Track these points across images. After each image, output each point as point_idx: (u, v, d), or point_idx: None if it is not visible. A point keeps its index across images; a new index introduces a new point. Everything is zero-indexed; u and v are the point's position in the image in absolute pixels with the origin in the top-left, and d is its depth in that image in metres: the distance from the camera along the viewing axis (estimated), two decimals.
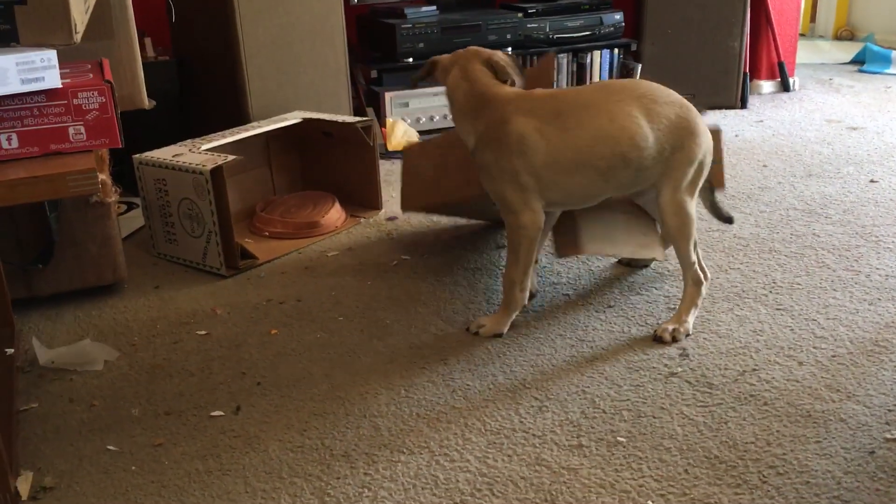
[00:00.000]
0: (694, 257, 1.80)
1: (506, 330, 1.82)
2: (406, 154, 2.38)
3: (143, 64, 2.70)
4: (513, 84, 1.81)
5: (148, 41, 2.75)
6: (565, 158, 1.70)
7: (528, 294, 1.83)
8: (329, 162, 2.66)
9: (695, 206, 1.78)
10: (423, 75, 1.89)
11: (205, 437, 1.49)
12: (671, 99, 1.75)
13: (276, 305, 1.99)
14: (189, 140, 2.35)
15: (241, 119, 2.68)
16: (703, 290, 1.82)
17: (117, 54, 1.54)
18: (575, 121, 1.70)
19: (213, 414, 1.56)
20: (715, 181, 1.96)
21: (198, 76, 2.89)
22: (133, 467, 1.42)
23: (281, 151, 2.66)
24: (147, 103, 1.66)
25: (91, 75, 1.23)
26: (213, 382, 1.67)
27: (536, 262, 1.93)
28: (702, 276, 1.82)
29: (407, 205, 2.34)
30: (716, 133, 1.90)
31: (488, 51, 1.84)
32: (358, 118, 2.54)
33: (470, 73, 1.80)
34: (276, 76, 2.74)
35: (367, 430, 1.50)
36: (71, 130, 1.18)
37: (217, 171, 2.08)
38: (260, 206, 2.54)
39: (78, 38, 1.17)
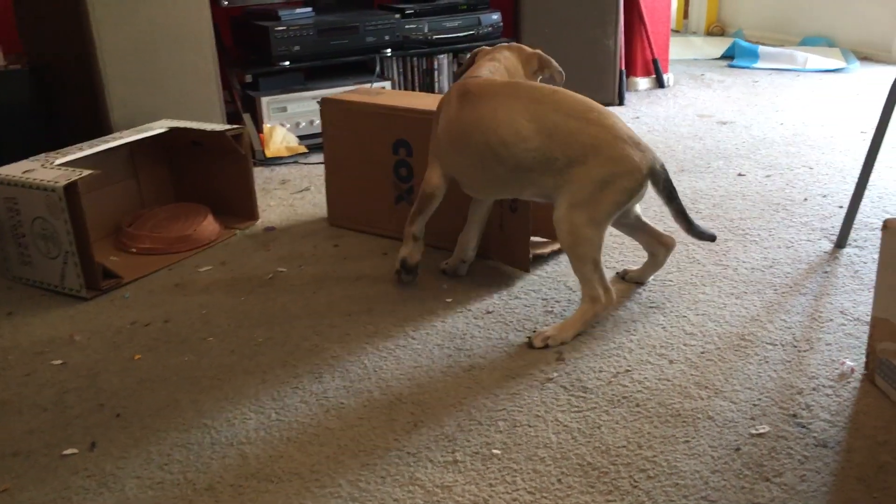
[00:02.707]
0: (591, 275, 1.74)
1: (408, 258, 2.02)
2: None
3: None
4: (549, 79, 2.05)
5: None
6: (452, 134, 1.87)
7: (418, 244, 2.01)
8: (201, 172, 2.55)
9: (600, 231, 1.72)
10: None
11: (55, 479, 1.39)
12: (583, 115, 1.73)
13: (140, 328, 1.89)
14: (43, 154, 2.20)
15: (103, 130, 2.54)
16: (599, 309, 1.76)
17: None
18: (473, 105, 1.83)
19: (66, 452, 1.45)
20: None
21: (54, 85, 2.73)
22: None
23: (148, 163, 2.54)
24: None
25: None
26: (67, 417, 1.56)
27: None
28: (601, 294, 1.75)
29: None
30: None
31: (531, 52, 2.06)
32: (228, 126, 2.44)
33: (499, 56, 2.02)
34: (139, 83, 2.60)
35: (234, 458, 1.43)
36: None
37: (72, 188, 1.96)
38: (127, 221, 2.41)
39: None
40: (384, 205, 2.34)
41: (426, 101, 2.28)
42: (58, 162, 2.12)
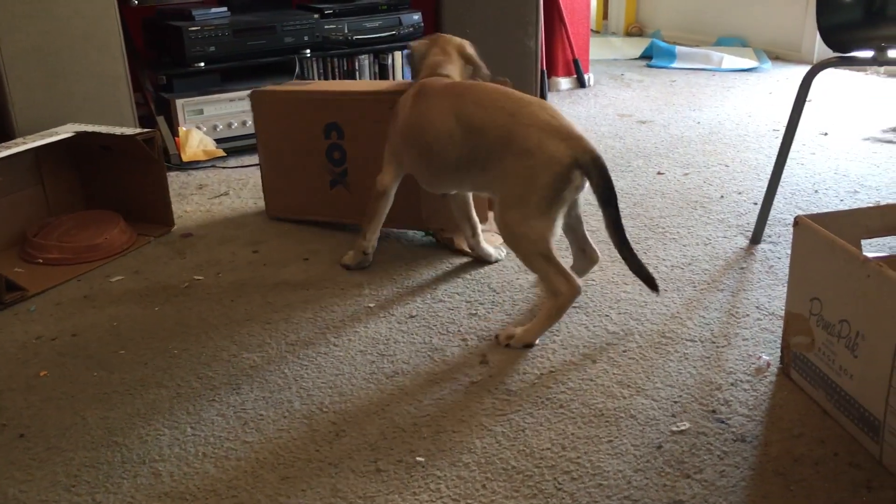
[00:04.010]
0: (545, 269, 1.70)
1: (352, 264, 2.10)
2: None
3: None
4: (477, 74, 2.08)
5: None
6: (404, 133, 1.92)
7: (369, 244, 2.07)
8: (112, 178, 2.45)
9: (539, 224, 1.67)
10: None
11: None
12: (494, 104, 1.74)
13: (46, 343, 1.80)
14: None
15: (5, 135, 2.42)
16: (564, 301, 1.70)
17: None
18: (418, 105, 1.89)
19: None
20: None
21: None
22: None
23: (55, 169, 2.43)
24: None
25: None
26: None
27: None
28: (562, 284, 1.68)
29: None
30: None
31: (460, 41, 2.09)
32: (139, 129, 2.35)
33: (446, 51, 2.04)
34: (44, 87, 2.49)
35: (146, 477, 1.36)
36: None
37: None
38: (32, 230, 2.30)
39: None
40: (320, 190, 2.36)
41: (353, 86, 2.34)
42: None
